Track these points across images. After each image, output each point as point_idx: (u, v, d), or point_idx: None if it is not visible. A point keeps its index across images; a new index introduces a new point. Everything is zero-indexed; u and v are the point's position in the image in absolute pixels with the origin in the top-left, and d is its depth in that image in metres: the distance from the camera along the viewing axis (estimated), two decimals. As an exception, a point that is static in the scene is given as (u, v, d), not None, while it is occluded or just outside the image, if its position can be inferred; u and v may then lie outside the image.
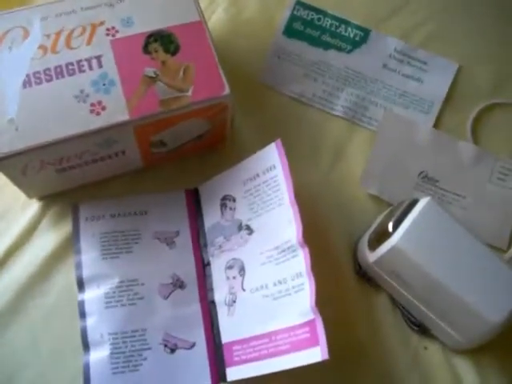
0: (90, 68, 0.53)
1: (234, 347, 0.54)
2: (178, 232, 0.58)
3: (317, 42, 0.66)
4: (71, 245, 0.58)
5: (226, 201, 0.57)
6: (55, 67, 0.53)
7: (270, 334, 0.51)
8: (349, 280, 0.58)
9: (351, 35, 0.67)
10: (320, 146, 0.63)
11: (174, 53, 0.54)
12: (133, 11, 0.55)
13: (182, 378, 0.54)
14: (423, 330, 0.56)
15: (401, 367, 0.56)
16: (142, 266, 0.57)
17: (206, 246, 0.58)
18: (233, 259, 0.56)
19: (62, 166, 0.54)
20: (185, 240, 0.58)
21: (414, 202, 0.54)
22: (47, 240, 0.58)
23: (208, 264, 0.57)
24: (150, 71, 0.53)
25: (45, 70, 0.53)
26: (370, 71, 0.66)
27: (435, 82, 0.66)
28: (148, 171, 0.60)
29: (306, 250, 0.51)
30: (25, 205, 0.59)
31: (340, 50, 0.66)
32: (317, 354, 0.48)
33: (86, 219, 0.58)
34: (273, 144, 0.55)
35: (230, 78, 0.54)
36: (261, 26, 0.67)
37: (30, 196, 0.58)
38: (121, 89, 0.52)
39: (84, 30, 0.54)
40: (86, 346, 0.54)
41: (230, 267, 0.56)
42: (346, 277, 0.58)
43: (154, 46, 0.54)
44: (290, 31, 0.66)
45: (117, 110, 0.52)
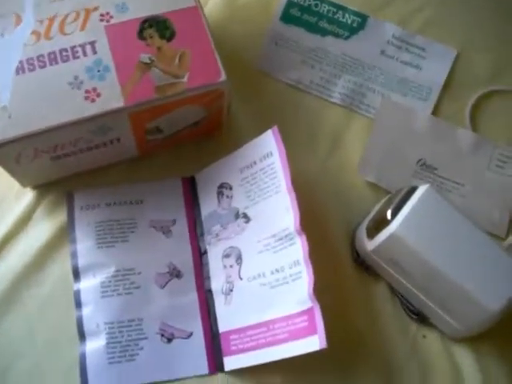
0: (85, 54, 0.52)
1: (232, 336, 0.53)
2: (174, 221, 0.58)
3: (314, 29, 0.66)
4: (66, 234, 0.57)
5: (222, 189, 0.57)
6: (49, 53, 0.52)
7: (267, 323, 0.51)
8: (347, 268, 0.58)
9: (349, 21, 0.66)
10: (317, 133, 0.63)
11: (169, 39, 0.53)
12: (127, -4, 0.54)
13: (179, 367, 0.54)
14: (422, 319, 0.56)
15: (399, 356, 0.55)
16: (138, 255, 0.56)
17: (202, 234, 0.57)
18: (230, 247, 0.55)
19: (56, 154, 0.53)
20: (181, 229, 0.58)
21: (412, 190, 0.53)
22: (42, 229, 0.57)
23: (205, 253, 0.57)
24: (145, 57, 0.52)
25: (38, 57, 0.52)
26: (368, 58, 0.65)
27: (433, 69, 0.65)
28: (143, 159, 0.60)
29: (304, 238, 0.50)
30: (19, 194, 0.58)
31: (337, 36, 0.65)
32: (315, 342, 0.47)
33: (81, 208, 0.58)
34: (269, 131, 0.54)
35: (227, 64, 0.53)
36: (257, 12, 0.66)
37: (24, 185, 0.57)
38: (115, 75, 0.51)
39: (78, 15, 0.53)
40: (81, 335, 0.54)
41: (226, 256, 0.55)
42: (343, 265, 0.58)
43: (149, 31, 0.53)
44: (287, 17, 0.66)
45: (112, 97, 0.51)
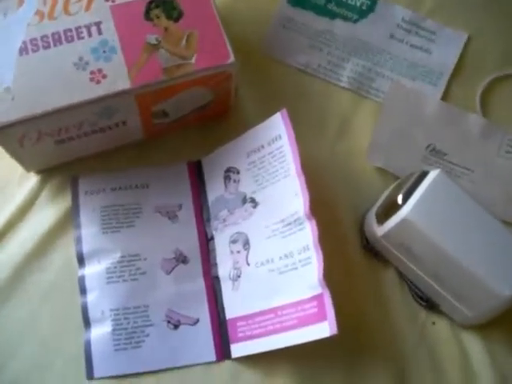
0: (90, 35, 0.51)
1: (239, 323, 0.53)
2: (180, 206, 0.57)
3: (322, 11, 0.64)
4: (70, 219, 0.56)
5: (229, 173, 0.56)
6: (53, 34, 0.51)
7: (275, 309, 0.50)
8: (355, 255, 0.57)
9: (358, 4, 0.64)
10: (325, 117, 0.61)
11: (176, 19, 0.52)
12: (133, -24, 0.53)
13: (186, 354, 0.53)
14: (431, 306, 0.55)
15: (408, 342, 0.55)
16: (143, 241, 0.55)
17: (209, 220, 0.56)
18: (237, 233, 0.54)
19: (60, 137, 0.52)
20: (187, 214, 0.57)
21: (423, 175, 0.52)
22: (46, 214, 0.57)
23: (211, 238, 0.56)
24: (152, 38, 0.51)
25: (42, 37, 0.51)
26: (377, 41, 0.64)
27: (443, 53, 0.64)
28: (149, 143, 0.59)
29: (314, 223, 0.49)
30: (22, 178, 0.58)
31: (346, 19, 0.64)
32: (325, 329, 0.47)
33: (86, 193, 0.57)
34: (278, 114, 0.53)
35: (234, 46, 0.52)
36: (265, -6, 0.65)
37: (27, 169, 0.57)
38: (122, 56, 0.50)
39: (82, -5, 0.52)
40: (86, 322, 0.53)
41: (234, 241, 0.54)
42: (352, 251, 0.57)
43: (156, 12, 0.52)
44: (294, 0, 0.64)
45: (118, 78, 0.50)
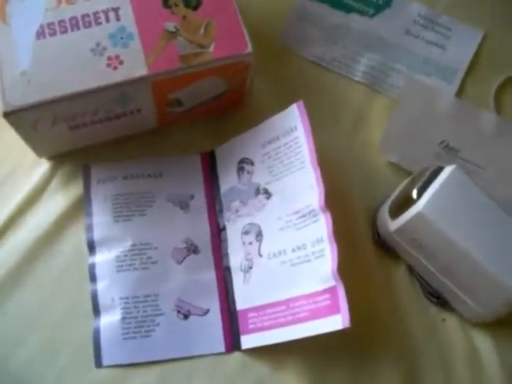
0: (107, 20, 0.51)
1: (250, 314, 0.52)
2: (192, 195, 0.57)
3: (339, 5, 0.64)
4: (81, 206, 0.56)
5: (243, 164, 0.55)
6: (70, 18, 0.51)
7: (287, 301, 0.50)
8: (367, 250, 0.57)
9: (374, -1, 0.65)
10: (339, 111, 0.61)
11: (195, 8, 0.52)
12: (152, -37, 0.53)
13: (195, 345, 0.53)
14: (441, 302, 0.55)
15: (418, 338, 0.54)
16: (155, 230, 0.55)
17: (221, 211, 0.56)
18: (249, 224, 0.54)
19: (75, 123, 0.52)
20: (199, 204, 0.56)
21: (438, 170, 0.52)
22: (56, 201, 0.56)
23: (223, 229, 0.56)
24: (171, 26, 0.51)
25: (59, 22, 0.50)
26: (393, 37, 0.64)
27: (459, 50, 0.64)
28: (162, 132, 0.58)
29: (328, 215, 0.49)
30: (34, 164, 0.57)
31: (362, 13, 0.64)
32: (337, 321, 0.46)
33: (98, 181, 0.56)
34: (294, 105, 0.53)
35: (250, 37, 0.52)
36: (282, -14, 0.65)
37: (39, 155, 0.56)
38: (139, 43, 0.50)
39: (101, -19, 0.52)
40: (96, 310, 0.53)
41: (246, 232, 0.54)
42: (363, 245, 0.57)
43: (174, -1, 0.52)
44: (311, -8, 0.64)
45: (135, 65, 0.50)
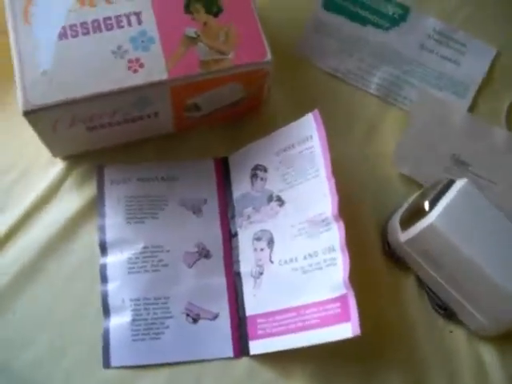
0: (129, 24, 0.51)
1: (259, 320, 0.52)
2: (205, 200, 0.57)
3: (355, 17, 0.65)
4: (94, 207, 0.56)
5: (257, 171, 0.56)
6: (92, 21, 0.51)
7: (297, 308, 0.50)
8: (376, 260, 0.57)
9: (390, 12, 0.65)
10: (352, 122, 0.62)
11: (216, 14, 0.52)
12: (175, -31, 0.53)
13: (204, 349, 0.53)
14: (449, 314, 0.55)
15: (425, 349, 0.55)
16: (167, 233, 0.55)
17: (233, 217, 0.57)
18: (261, 230, 0.54)
19: (92, 124, 0.52)
20: (212, 209, 0.57)
21: (450, 183, 0.53)
22: (70, 201, 0.56)
23: (235, 235, 0.56)
24: (192, 31, 0.51)
25: (82, 23, 0.51)
26: (407, 50, 0.64)
27: (472, 66, 0.64)
28: (177, 137, 0.59)
29: (341, 224, 0.49)
30: (48, 163, 0.57)
31: (378, 26, 0.65)
32: (347, 329, 0.46)
33: (112, 182, 0.57)
34: (310, 114, 0.53)
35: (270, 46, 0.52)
36: (300, -2, 0.65)
37: (55, 154, 0.57)
38: (160, 47, 0.51)
39: (123, -15, 0.53)
40: (106, 311, 0.53)
41: (258, 239, 0.54)
42: (373, 256, 0.57)
43: (196, 6, 0.52)
44: (329, 4, 0.65)
45: (155, 69, 0.50)
